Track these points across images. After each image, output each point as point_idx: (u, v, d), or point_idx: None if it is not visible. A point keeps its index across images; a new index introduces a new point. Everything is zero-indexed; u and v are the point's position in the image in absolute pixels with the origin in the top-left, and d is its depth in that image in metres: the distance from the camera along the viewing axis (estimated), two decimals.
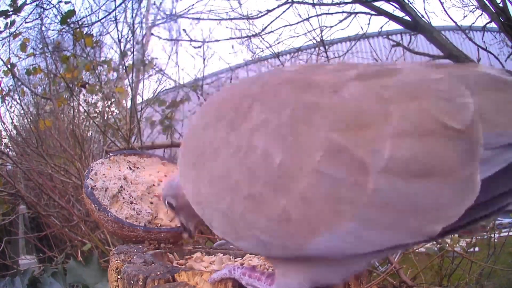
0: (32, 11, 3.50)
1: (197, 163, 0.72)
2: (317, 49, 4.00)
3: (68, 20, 3.04)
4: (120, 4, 3.62)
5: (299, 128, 0.60)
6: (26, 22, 3.54)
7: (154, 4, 5.43)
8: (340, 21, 3.79)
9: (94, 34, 3.78)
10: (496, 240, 2.67)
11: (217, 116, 0.71)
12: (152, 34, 5.58)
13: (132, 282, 0.92)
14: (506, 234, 2.85)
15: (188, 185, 0.75)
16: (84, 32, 3.44)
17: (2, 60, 3.32)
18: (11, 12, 2.90)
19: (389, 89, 0.60)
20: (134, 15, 4.01)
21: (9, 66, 3.29)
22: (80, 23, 3.41)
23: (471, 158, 0.56)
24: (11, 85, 3.90)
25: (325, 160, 0.58)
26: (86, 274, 1.61)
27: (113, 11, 3.67)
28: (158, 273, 0.93)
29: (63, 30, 3.60)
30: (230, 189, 0.65)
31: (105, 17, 3.83)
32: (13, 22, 3.01)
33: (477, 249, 2.82)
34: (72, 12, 3.00)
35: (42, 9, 3.52)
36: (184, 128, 4.02)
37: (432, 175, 0.55)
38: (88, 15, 3.82)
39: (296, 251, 0.64)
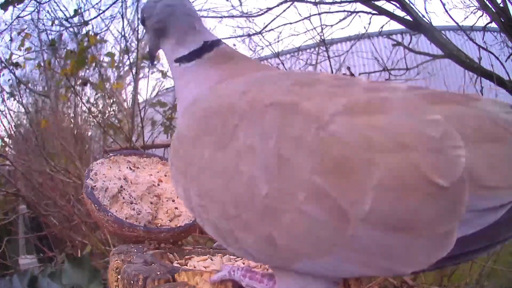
0: (27, 4, 3.48)
1: (187, 172, 0.72)
2: (317, 48, 3.99)
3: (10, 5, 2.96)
4: (116, 1, 3.59)
5: (284, 163, 0.60)
6: (20, 17, 3.52)
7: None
8: (341, 20, 3.79)
9: (97, 32, 3.76)
10: None
11: (205, 130, 0.71)
12: None
13: (132, 282, 0.92)
14: None
15: (179, 190, 0.76)
16: (86, 28, 3.43)
17: (2, 59, 3.31)
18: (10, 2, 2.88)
19: (378, 132, 0.57)
20: (135, 10, 4.00)
21: (11, 61, 3.28)
22: (80, 16, 3.40)
23: (451, 218, 0.55)
24: (10, 85, 3.89)
25: (307, 201, 0.58)
26: (79, 276, 1.62)
27: (111, 5, 3.64)
28: (158, 273, 0.92)
29: (61, 25, 3.59)
30: (219, 206, 0.67)
31: (104, 11, 3.80)
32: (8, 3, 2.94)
33: None
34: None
35: (38, 3, 3.49)
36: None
37: (409, 229, 0.55)
38: (87, 10, 3.81)
39: (281, 266, 0.68)
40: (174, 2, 0.92)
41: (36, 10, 3.58)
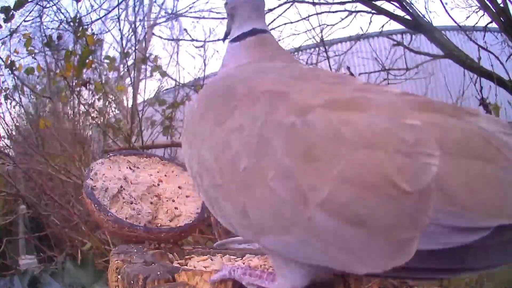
0: (32, 9, 3.49)
1: (192, 142, 0.81)
2: (317, 48, 3.99)
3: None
4: (121, 2, 3.60)
5: (263, 142, 0.66)
6: (25, 21, 3.54)
7: (155, 2, 5.43)
8: (341, 20, 3.79)
9: (95, 33, 3.76)
10: None
11: (210, 106, 0.81)
12: (153, 34, 5.58)
13: (132, 282, 0.92)
14: None
15: (186, 158, 0.85)
16: (86, 29, 3.43)
17: (1, 58, 3.31)
18: (12, 9, 2.89)
19: (349, 127, 0.59)
20: (135, 12, 4.00)
21: (9, 62, 3.28)
22: (81, 21, 3.41)
23: (412, 226, 0.53)
24: (11, 85, 3.89)
25: (275, 179, 0.63)
26: (82, 276, 1.62)
27: (113, 8, 3.66)
28: (158, 273, 0.92)
29: (64, 28, 3.60)
30: (210, 174, 0.74)
31: (105, 15, 3.82)
32: (12, 16, 2.99)
33: None
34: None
35: (42, 8, 3.50)
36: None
37: (365, 227, 0.55)
38: (89, 13, 3.81)
39: (253, 240, 0.74)
40: None
41: (40, 15, 3.59)
